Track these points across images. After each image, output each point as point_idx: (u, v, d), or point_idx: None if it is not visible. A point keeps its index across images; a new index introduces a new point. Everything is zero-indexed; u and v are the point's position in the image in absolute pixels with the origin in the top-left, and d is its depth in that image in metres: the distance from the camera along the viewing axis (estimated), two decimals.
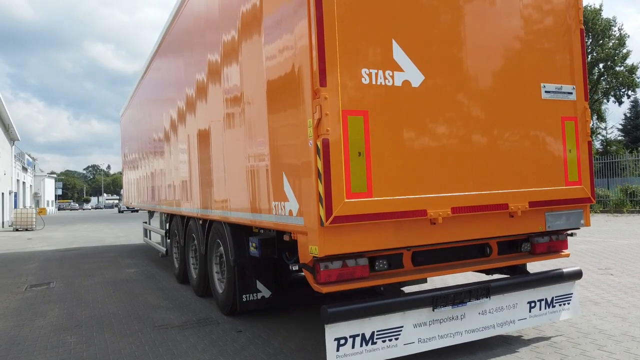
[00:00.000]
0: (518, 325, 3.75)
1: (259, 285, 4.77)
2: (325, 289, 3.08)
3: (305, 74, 2.96)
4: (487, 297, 3.52)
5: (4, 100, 23.87)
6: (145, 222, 11.22)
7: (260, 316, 5.00)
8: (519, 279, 3.79)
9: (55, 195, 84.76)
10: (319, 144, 2.89)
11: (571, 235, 4.11)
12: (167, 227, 8.13)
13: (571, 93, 3.86)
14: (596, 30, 42.38)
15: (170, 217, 7.96)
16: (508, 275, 4.02)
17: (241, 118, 4.15)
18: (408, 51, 3.19)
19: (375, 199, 3.03)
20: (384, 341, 3.19)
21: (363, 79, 3.04)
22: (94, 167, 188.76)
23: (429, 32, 3.28)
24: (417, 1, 3.26)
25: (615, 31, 42.98)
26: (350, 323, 3.07)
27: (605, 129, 42.78)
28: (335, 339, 3.04)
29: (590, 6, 43.06)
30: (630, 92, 43.65)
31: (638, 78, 43.70)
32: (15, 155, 33.20)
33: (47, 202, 70.55)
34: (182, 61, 6.26)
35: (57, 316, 5.54)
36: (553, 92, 3.77)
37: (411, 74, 3.20)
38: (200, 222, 5.88)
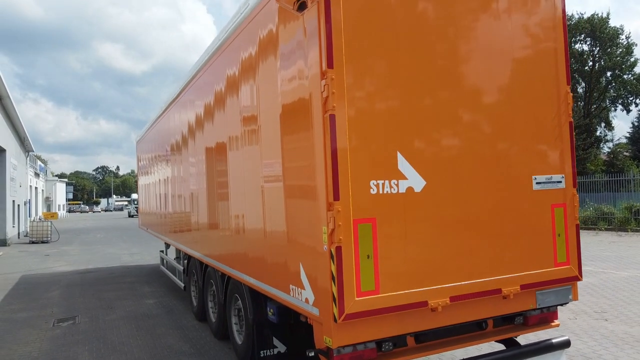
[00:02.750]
0: None
1: (275, 342, 5.18)
2: None
3: (320, 188, 3.39)
4: None
5: (19, 110, 24.42)
6: (162, 252, 11.70)
7: None
8: (512, 352, 4.18)
9: (66, 199, 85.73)
10: (333, 250, 3.31)
11: (562, 305, 4.49)
12: (186, 265, 8.58)
13: (560, 182, 4.25)
14: (604, 38, 42.45)
15: (189, 256, 8.40)
16: (502, 345, 4.42)
17: (260, 189, 4.57)
18: (411, 161, 3.60)
19: (382, 295, 3.44)
20: None
21: (371, 190, 3.46)
22: (103, 169, 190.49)
23: (430, 143, 3.69)
24: (419, 115, 3.67)
25: (622, 39, 43.01)
26: None
27: (612, 140, 42.73)
28: None
29: (598, 14, 43.15)
30: (638, 100, 43.67)
31: None
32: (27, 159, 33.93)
33: (59, 206, 71.52)
34: (205, 112, 6.70)
35: None
36: (544, 182, 4.17)
37: (414, 180, 3.61)
38: (220, 273, 6.31)
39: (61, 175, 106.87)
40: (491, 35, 4.03)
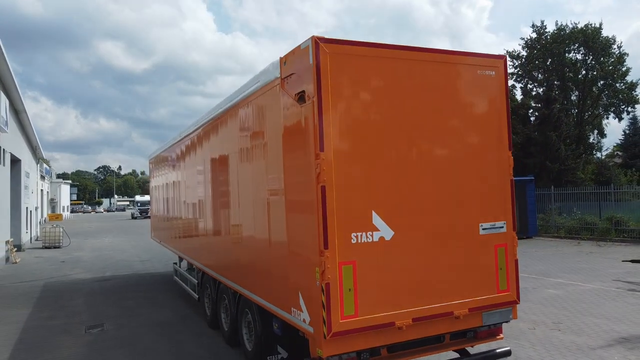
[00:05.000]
0: None
1: (279, 349, 6.38)
2: None
3: (312, 242, 4.59)
4: None
5: (32, 122, 25.60)
6: (176, 264, 12.91)
7: None
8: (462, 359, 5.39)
9: (70, 200, 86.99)
10: (323, 286, 4.50)
11: (505, 322, 5.67)
12: (200, 278, 9.77)
13: (502, 227, 5.45)
14: (596, 48, 43.59)
15: (203, 271, 9.59)
16: (456, 353, 5.62)
17: (266, 220, 5.76)
18: (383, 216, 4.79)
19: (360, 318, 4.64)
20: None
21: (352, 240, 4.65)
22: (105, 168, 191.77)
23: (397, 203, 4.88)
24: (389, 182, 4.86)
25: (614, 49, 44.15)
26: None
27: (600, 150, 43.88)
28: None
29: (591, 24, 44.30)
30: (629, 109, 44.81)
31: (638, 95, 44.77)
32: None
33: (63, 207, 72.75)
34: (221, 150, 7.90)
35: None
36: (488, 228, 5.36)
37: (385, 232, 4.80)
38: (232, 290, 7.50)
39: (63, 175, 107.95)
40: (447, 114, 5.22)
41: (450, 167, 5.22)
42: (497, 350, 5.54)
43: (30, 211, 28.59)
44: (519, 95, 42.17)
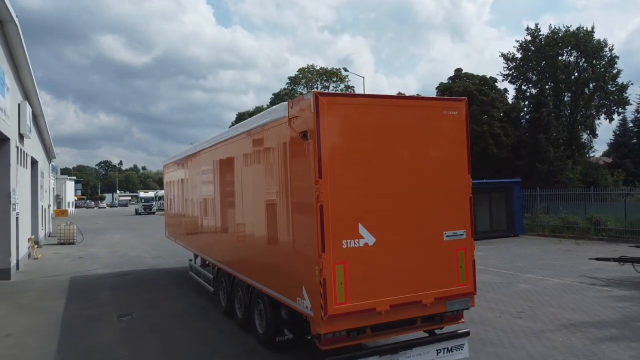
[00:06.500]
0: None
1: (286, 331, 7.86)
2: (324, 348, 6.18)
3: (314, 249, 6.06)
4: (410, 349, 6.60)
5: (47, 122, 26.98)
6: (191, 260, 14.40)
7: (287, 349, 8.05)
8: (430, 338, 6.88)
9: (75, 196, 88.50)
10: (321, 281, 5.97)
11: (465, 309, 7.14)
12: (215, 273, 11.26)
13: (462, 234, 6.91)
14: (588, 51, 44.95)
15: (218, 267, 11.07)
16: (426, 333, 7.11)
17: (277, 233, 7.23)
18: (367, 227, 6.25)
19: (349, 304, 6.11)
20: None
21: (343, 246, 6.12)
22: (106, 163, 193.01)
23: (378, 216, 6.34)
24: (372, 200, 6.32)
25: (606, 52, 45.52)
26: None
27: (588, 151, 45.30)
28: None
29: (583, 27, 45.63)
30: (620, 110, 46.20)
31: (628, 96, 46.10)
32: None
33: (68, 203, 74.19)
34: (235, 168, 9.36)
35: (156, 346, 8.67)
36: (451, 235, 6.83)
37: (368, 239, 6.27)
38: (246, 284, 8.98)
39: (65, 170, 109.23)
40: (419, 146, 6.68)
41: (421, 187, 6.68)
42: (458, 331, 7.01)
43: (45, 209, 30.07)
44: (511, 99, 43.57)
